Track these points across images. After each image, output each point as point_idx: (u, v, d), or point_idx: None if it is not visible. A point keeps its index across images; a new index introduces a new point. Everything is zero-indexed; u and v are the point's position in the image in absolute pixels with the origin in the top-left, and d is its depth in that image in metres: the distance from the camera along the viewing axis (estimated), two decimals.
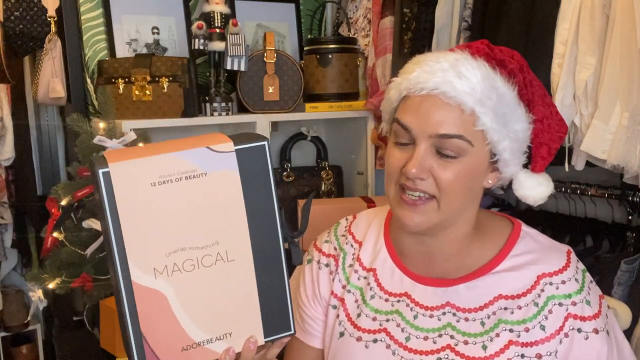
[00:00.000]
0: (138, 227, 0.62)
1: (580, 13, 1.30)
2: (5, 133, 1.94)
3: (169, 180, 0.62)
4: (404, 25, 1.80)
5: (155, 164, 0.62)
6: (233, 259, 0.66)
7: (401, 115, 0.84)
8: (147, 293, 0.63)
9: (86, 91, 1.83)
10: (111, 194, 0.60)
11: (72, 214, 1.40)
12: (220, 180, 0.65)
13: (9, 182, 2.10)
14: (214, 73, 1.84)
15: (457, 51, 0.84)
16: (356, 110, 1.96)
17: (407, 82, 0.83)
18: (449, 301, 0.87)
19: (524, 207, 1.75)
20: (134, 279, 0.62)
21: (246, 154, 0.66)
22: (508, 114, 0.82)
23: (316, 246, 1.04)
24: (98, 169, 0.60)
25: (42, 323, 2.33)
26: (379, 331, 0.91)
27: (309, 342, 1.01)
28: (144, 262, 0.63)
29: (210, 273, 0.66)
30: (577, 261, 0.88)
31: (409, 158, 0.82)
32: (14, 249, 2.24)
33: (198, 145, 0.64)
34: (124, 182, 0.61)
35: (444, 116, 0.80)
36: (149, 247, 0.63)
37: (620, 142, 1.24)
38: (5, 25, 1.71)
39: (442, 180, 0.81)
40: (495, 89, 0.81)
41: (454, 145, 0.80)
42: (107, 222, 0.61)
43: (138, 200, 0.61)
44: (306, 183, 2.07)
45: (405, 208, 0.84)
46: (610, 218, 1.58)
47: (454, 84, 0.79)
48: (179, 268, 0.64)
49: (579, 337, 0.81)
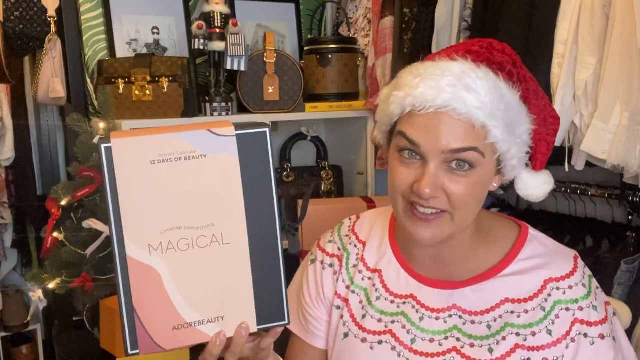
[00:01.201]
0: (135, 203, 0.63)
1: (580, 13, 1.30)
2: (5, 133, 1.94)
3: (168, 159, 0.63)
4: (404, 25, 1.80)
5: (156, 142, 0.63)
6: (228, 242, 0.67)
7: (408, 131, 0.80)
8: (141, 268, 0.64)
9: (86, 91, 1.83)
10: (112, 169, 0.62)
11: (72, 214, 1.40)
12: (219, 163, 0.65)
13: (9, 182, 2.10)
14: (214, 73, 1.84)
15: (458, 59, 0.80)
16: (356, 110, 1.96)
17: (411, 98, 0.79)
18: (455, 304, 0.87)
19: (524, 207, 1.75)
20: (128, 253, 0.63)
21: (247, 140, 0.66)
22: (515, 120, 0.80)
23: (320, 246, 1.04)
24: (101, 144, 0.62)
25: (42, 323, 2.33)
26: (385, 333, 0.90)
27: (313, 343, 1.01)
28: (140, 238, 0.64)
29: (205, 254, 0.66)
30: (583, 266, 0.87)
31: (419, 175, 0.80)
32: (14, 249, 2.24)
33: (200, 128, 0.65)
34: (125, 158, 0.62)
35: (455, 132, 0.77)
36: (145, 223, 0.64)
37: (620, 142, 1.24)
38: (5, 25, 1.71)
39: (456, 196, 0.79)
40: (503, 98, 0.79)
41: (468, 157, 0.78)
42: (107, 196, 0.62)
43: (137, 176, 0.63)
44: (306, 183, 2.07)
45: (418, 223, 0.82)
46: (610, 218, 1.58)
47: (464, 99, 0.76)
48: (174, 246, 0.65)
49: (585, 342, 0.81)
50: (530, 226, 0.93)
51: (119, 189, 0.62)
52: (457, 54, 0.81)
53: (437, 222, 0.82)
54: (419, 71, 0.81)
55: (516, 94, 0.81)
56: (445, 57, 0.81)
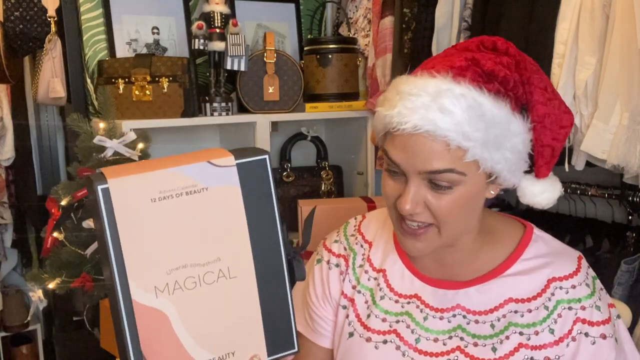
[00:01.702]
0: (138, 244, 0.60)
1: (580, 13, 1.30)
2: (5, 133, 1.95)
3: (169, 196, 0.61)
4: (404, 25, 1.80)
5: (155, 179, 0.61)
6: (235, 276, 0.65)
7: (389, 149, 0.81)
8: (147, 312, 0.61)
9: (86, 91, 1.83)
10: (110, 210, 0.59)
11: (72, 214, 1.40)
12: (221, 195, 0.63)
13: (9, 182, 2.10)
14: (214, 73, 1.84)
15: (438, 76, 0.77)
16: (356, 110, 1.96)
17: (389, 118, 0.79)
18: (459, 304, 0.87)
19: (524, 207, 1.75)
20: (134, 297, 0.61)
21: (247, 168, 0.65)
22: (500, 136, 0.77)
23: (325, 246, 1.05)
24: (97, 185, 0.59)
25: (42, 323, 2.33)
26: (389, 332, 0.91)
27: (319, 342, 1.01)
28: (145, 281, 0.61)
29: (213, 290, 0.64)
30: (587, 267, 0.87)
31: (402, 190, 0.81)
32: (14, 249, 2.24)
33: (199, 160, 0.63)
34: (124, 198, 0.59)
35: (431, 153, 0.76)
36: (150, 264, 0.61)
37: (620, 142, 1.24)
38: (5, 25, 1.70)
39: (438, 210, 0.79)
40: (482, 116, 0.75)
41: (446, 178, 0.77)
42: (106, 239, 0.59)
43: (138, 216, 0.60)
44: (306, 183, 2.07)
45: (407, 237, 0.84)
46: (610, 218, 1.58)
47: (436, 121, 0.74)
48: (181, 286, 0.63)
49: (586, 341, 0.81)
50: (536, 226, 0.93)
51: (119, 231, 0.59)
52: (440, 68, 0.78)
53: (424, 235, 0.82)
54: (399, 87, 0.80)
55: (505, 107, 0.77)
56: (426, 73, 0.79)
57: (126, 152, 1.40)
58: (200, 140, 2.10)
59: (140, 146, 1.43)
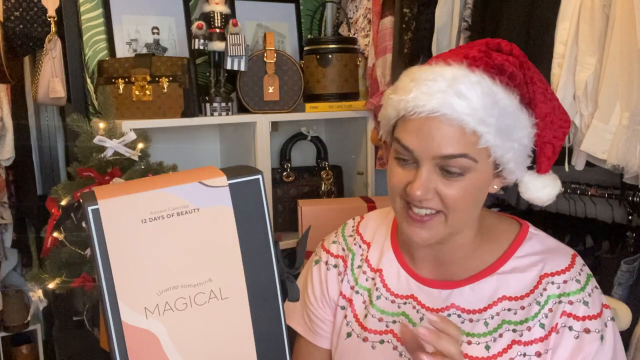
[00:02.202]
0: (128, 265, 0.60)
1: (580, 13, 1.30)
2: (5, 133, 1.95)
3: (160, 217, 0.61)
4: (404, 25, 1.80)
5: (146, 200, 0.60)
6: (227, 297, 0.64)
7: (402, 136, 0.82)
8: (138, 333, 0.61)
9: (86, 91, 1.83)
10: (100, 231, 0.59)
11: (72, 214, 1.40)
12: (213, 216, 0.63)
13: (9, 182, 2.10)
14: (214, 73, 1.84)
15: (453, 65, 0.80)
16: (356, 110, 1.96)
17: (404, 102, 0.80)
18: (454, 303, 0.88)
19: (524, 207, 1.75)
20: (124, 319, 0.60)
21: (240, 188, 0.64)
22: (511, 125, 0.80)
23: (324, 247, 1.05)
24: (87, 206, 0.58)
25: (42, 323, 2.33)
26: (386, 332, 0.91)
27: (317, 343, 1.01)
28: (135, 302, 0.60)
29: (204, 311, 0.63)
30: (582, 265, 0.87)
31: (413, 177, 0.81)
32: (14, 249, 2.25)
33: (190, 180, 0.62)
34: (114, 219, 0.59)
35: (446, 137, 0.78)
36: (140, 285, 0.60)
37: (620, 142, 1.24)
38: (5, 25, 1.71)
39: (448, 198, 0.80)
40: (496, 103, 0.78)
41: (458, 163, 0.79)
42: (97, 259, 0.59)
43: (128, 237, 0.60)
44: (306, 183, 2.07)
45: (413, 225, 0.84)
46: (610, 218, 1.58)
47: (453, 105, 0.77)
48: (171, 307, 0.62)
49: (569, 335, 0.81)
50: (532, 225, 0.93)
51: (109, 253, 0.59)
52: (454, 58, 0.81)
53: (430, 223, 0.83)
54: (414, 75, 0.82)
55: (515, 98, 0.80)
56: (441, 62, 0.82)
57: (126, 152, 1.40)
58: (200, 140, 2.10)
59: (140, 146, 1.43)
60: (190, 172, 0.65)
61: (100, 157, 1.38)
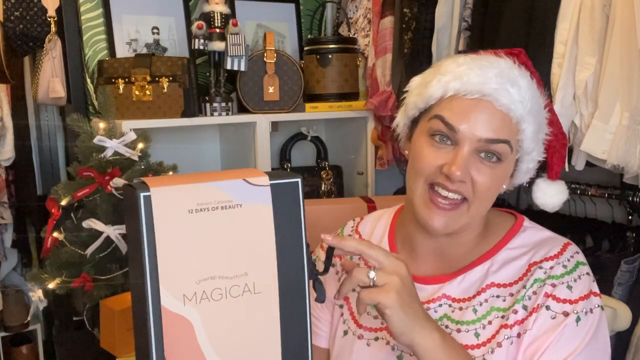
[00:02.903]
0: (172, 252, 0.62)
1: (580, 13, 1.30)
2: (5, 133, 1.94)
3: (205, 209, 0.63)
4: (404, 25, 1.80)
5: (194, 191, 0.63)
6: (259, 292, 0.66)
7: (447, 115, 0.82)
8: (174, 319, 0.62)
9: (86, 91, 1.83)
10: (150, 217, 0.61)
11: (72, 214, 1.40)
12: (253, 213, 0.65)
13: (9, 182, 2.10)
14: (214, 73, 1.84)
15: (501, 55, 0.84)
16: (356, 110, 1.96)
17: (458, 82, 0.81)
18: (445, 293, 0.88)
19: (524, 207, 1.75)
20: (163, 303, 0.62)
21: (280, 189, 0.67)
22: (542, 123, 0.84)
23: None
24: (139, 192, 0.60)
25: (42, 323, 2.33)
26: (380, 330, 0.91)
27: (316, 343, 1.02)
28: (175, 288, 0.62)
29: (237, 304, 0.66)
30: (575, 252, 0.86)
31: (449, 159, 0.81)
32: (14, 249, 2.24)
33: (235, 177, 0.65)
34: (164, 207, 0.61)
35: (493, 122, 0.80)
36: (181, 272, 0.63)
37: (620, 142, 1.24)
38: (5, 25, 1.71)
39: (480, 185, 0.81)
40: (537, 99, 0.83)
41: (500, 149, 0.81)
42: (143, 245, 0.61)
43: (175, 225, 0.62)
44: (306, 183, 2.07)
45: (434, 210, 0.83)
46: (610, 218, 1.58)
47: (509, 91, 0.79)
48: (207, 296, 0.64)
49: (545, 314, 0.80)
50: (528, 218, 0.93)
51: (157, 238, 0.61)
52: (498, 52, 0.85)
53: (453, 212, 0.83)
54: (464, 60, 0.84)
55: (544, 101, 0.85)
56: (490, 53, 0.86)
57: (126, 152, 1.40)
58: (200, 140, 2.10)
59: (140, 146, 1.43)
60: (236, 171, 0.68)
61: (100, 157, 1.38)
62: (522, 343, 0.80)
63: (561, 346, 0.78)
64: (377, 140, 1.98)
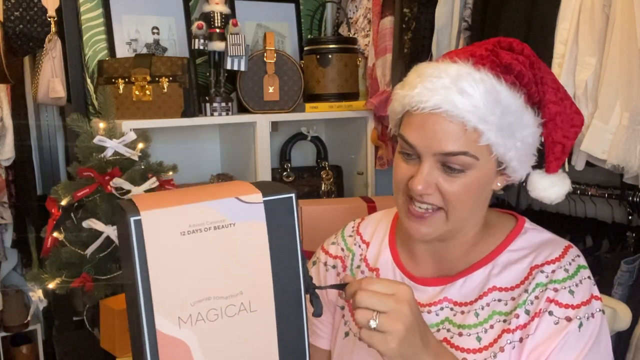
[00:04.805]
0: (166, 275, 0.61)
1: (580, 13, 1.30)
2: (5, 133, 1.95)
3: (198, 230, 0.62)
4: (404, 25, 1.80)
5: (186, 213, 0.62)
6: (255, 310, 0.66)
7: (405, 132, 0.83)
8: (170, 342, 0.62)
9: (86, 91, 1.83)
10: (141, 241, 0.60)
11: (72, 214, 1.40)
12: (247, 231, 0.64)
13: (9, 182, 2.11)
14: (214, 73, 1.84)
15: (459, 62, 0.81)
16: (356, 110, 1.96)
17: (409, 98, 0.81)
18: (446, 296, 0.88)
19: (524, 207, 1.75)
20: (158, 327, 0.61)
21: (273, 205, 0.66)
22: (514, 124, 0.80)
23: (323, 248, 1.06)
24: (129, 217, 0.60)
25: (42, 323, 2.33)
26: None
27: (316, 344, 1.02)
28: (169, 311, 0.62)
29: (233, 323, 0.65)
30: (576, 256, 0.86)
31: (415, 172, 0.82)
32: (14, 249, 2.25)
33: (227, 195, 0.64)
34: (155, 231, 0.61)
35: (447, 134, 0.79)
36: (175, 295, 0.62)
37: (620, 142, 1.24)
38: (5, 25, 1.71)
39: (449, 194, 0.81)
40: (499, 102, 0.79)
41: (459, 161, 0.79)
42: (135, 269, 0.60)
43: (167, 248, 0.61)
44: (306, 183, 2.07)
45: (413, 220, 0.84)
46: (610, 218, 1.58)
47: (455, 102, 0.77)
48: (203, 317, 0.64)
49: (548, 319, 0.80)
50: (529, 220, 0.93)
51: (149, 262, 0.60)
52: (461, 56, 0.82)
53: (430, 219, 0.83)
54: (421, 71, 0.83)
55: (519, 97, 0.81)
56: (448, 59, 0.83)
57: (126, 152, 1.40)
58: (200, 140, 2.10)
59: (140, 146, 1.43)
60: (226, 187, 0.67)
61: (100, 157, 1.38)
62: (525, 348, 0.80)
63: (564, 353, 0.79)
64: (377, 140, 1.98)
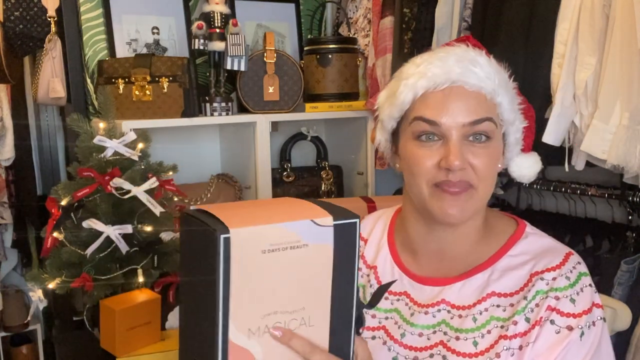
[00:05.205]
0: (244, 290, 0.66)
1: (580, 13, 1.30)
2: (5, 133, 1.95)
3: (277, 249, 0.67)
4: (404, 25, 1.80)
5: (268, 232, 0.66)
6: (313, 325, 0.71)
7: (425, 113, 0.84)
8: (238, 351, 0.67)
9: (86, 91, 1.83)
10: (227, 258, 0.64)
11: (72, 214, 1.40)
12: (317, 252, 0.69)
13: (9, 182, 2.11)
14: (214, 73, 1.84)
15: (454, 44, 0.88)
16: (356, 110, 1.96)
17: (424, 80, 0.84)
18: (444, 298, 0.88)
19: (524, 207, 1.75)
20: (231, 337, 0.66)
21: (341, 229, 0.70)
22: (513, 96, 0.87)
23: None
24: (219, 234, 0.63)
25: (42, 323, 2.33)
26: (378, 329, 0.92)
27: None
28: (242, 323, 0.67)
29: None
30: (576, 263, 0.86)
31: (444, 153, 0.82)
32: (14, 249, 2.25)
33: (302, 217, 0.69)
34: (241, 248, 0.64)
35: (470, 104, 0.82)
36: (249, 308, 0.67)
37: (620, 142, 1.24)
38: (5, 25, 1.71)
39: (479, 167, 0.83)
40: (501, 72, 0.86)
41: (485, 128, 0.83)
42: (218, 283, 0.64)
43: (249, 265, 0.65)
44: (306, 183, 2.07)
45: (448, 199, 0.84)
46: (610, 218, 1.58)
47: (473, 72, 0.82)
48: (269, 330, 0.68)
49: (550, 328, 0.80)
50: (530, 224, 0.93)
51: (232, 278, 0.64)
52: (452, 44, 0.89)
53: (465, 196, 0.84)
54: (421, 59, 0.87)
55: (506, 73, 0.88)
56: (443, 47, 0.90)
57: (126, 152, 1.40)
58: (200, 140, 2.10)
59: (140, 146, 1.44)
60: (297, 206, 0.72)
61: (100, 157, 1.38)
62: (525, 356, 0.80)
63: None
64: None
